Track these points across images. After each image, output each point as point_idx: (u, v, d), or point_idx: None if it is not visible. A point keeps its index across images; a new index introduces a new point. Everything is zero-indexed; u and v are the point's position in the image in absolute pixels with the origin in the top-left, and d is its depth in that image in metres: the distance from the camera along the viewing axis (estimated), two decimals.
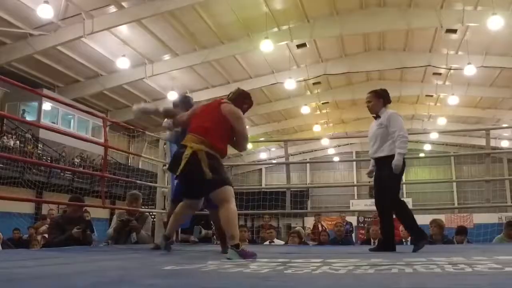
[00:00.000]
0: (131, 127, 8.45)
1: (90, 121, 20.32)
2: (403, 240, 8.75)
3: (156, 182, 7.41)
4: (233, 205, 4.11)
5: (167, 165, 5.42)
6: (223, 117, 4.26)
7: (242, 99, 4.52)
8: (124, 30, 15.54)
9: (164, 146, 6.98)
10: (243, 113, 4.46)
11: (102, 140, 5.92)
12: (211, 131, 4.19)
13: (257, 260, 3.60)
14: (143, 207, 10.84)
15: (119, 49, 16.30)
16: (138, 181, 8.25)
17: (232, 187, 4.25)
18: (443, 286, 2.19)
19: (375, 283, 2.34)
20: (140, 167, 22.90)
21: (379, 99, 5.28)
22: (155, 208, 7.22)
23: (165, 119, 5.09)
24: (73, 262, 3.52)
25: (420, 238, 4.91)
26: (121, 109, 21.78)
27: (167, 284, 2.30)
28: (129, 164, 23.31)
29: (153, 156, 9.10)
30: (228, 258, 3.73)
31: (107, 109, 21.65)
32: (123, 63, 16.55)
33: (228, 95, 4.56)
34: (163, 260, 3.58)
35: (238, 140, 4.41)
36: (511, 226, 8.00)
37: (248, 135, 4.63)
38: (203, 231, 6.86)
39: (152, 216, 7.24)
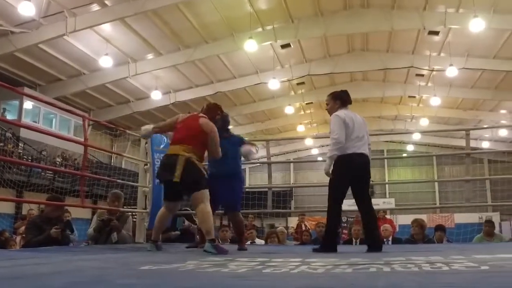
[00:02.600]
0: (113, 126, 8.37)
1: (72, 120, 20.11)
2: (384, 239, 8.83)
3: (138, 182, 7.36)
4: (208, 206, 4.70)
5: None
6: (202, 129, 4.85)
7: (215, 111, 5.22)
8: (107, 28, 15.41)
9: (146, 145, 6.93)
10: (215, 122, 5.08)
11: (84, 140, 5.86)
12: (195, 141, 4.81)
13: (236, 260, 3.59)
14: (125, 206, 10.78)
15: (102, 48, 16.15)
16: (118, 180, 8.19)
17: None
18: (419, 284, 2.20)
19: (352, 282, 2.35)
20: (123, 166, 22.74)
21: (336, 101, 5.24)
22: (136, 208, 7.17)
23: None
24: (50, 262, 3.47)
25: (326, 244, 4.85)
26: (104, 108, 21.61)
27: (143, 284, 2.28)
28: (112, 164, 23.13)
29: (136, 155, 9.05)
30: (205, 250, 4.44)
31: (90, 108, 21.45)
32: (106, 62, 16.39)
33: (202, 109, 5.27)
34: (142, 260, 3.55)
35: (213, 149, 4.93)
36: (489, 224, 8.15)
37: (220, 150, 5.03)
38: (186, 222, 7.32)
39: (134, 216, 7.19)
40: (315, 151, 32.98)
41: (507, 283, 2.19)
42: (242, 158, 5.65)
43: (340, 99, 5.23)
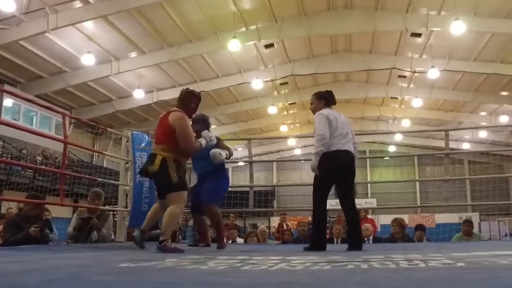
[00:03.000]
0: (94, 124, 8.31)
1: (53, 118, 19.87)
2: (365, 238, 8.90)
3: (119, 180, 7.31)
4: (179, 209, 4.62)
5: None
6: (171, 125, 4.67)
7: (188, 100, 4.96)
8: (89, 26, 15.26)
9: (127, 143, 6.89)
10: (194, 111, 5.02)
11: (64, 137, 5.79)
12: (169, 139, 4.65)
13: (216, 258, 3.59)
14: (107, 205, 10.70)
15: (84, 45, 15.98)
16: (99, 179, 8.13)
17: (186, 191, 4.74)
18: (394, 280, 2.23)
19: (328, 278, 2.36)
20: (105, 165, 22.57)
21: (320, 101, 5.27)
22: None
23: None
24: (26, 260, 3.43)
25: (315, 244, 4.84)
26: (86, 106, 21.40)
27: (119, 281, 2.27)
28: (94, 162, 22.93)
29: (118, 154, 8.97)
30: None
31: (72, 107, 21.21)
32: (88, 60, 16.23)
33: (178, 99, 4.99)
34: (120, 258, 3.52)
35: (183, 143, 4.66)
36: (468, 224, 8.29)
37: (191, 136, 4.81)
38: None
39: (115, 215, 7.15)
40: (298, 151, 33.09)
41: (481, 279, 2.23)
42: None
43: (325, 99, 5.28)
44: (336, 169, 4.94)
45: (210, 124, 5.72)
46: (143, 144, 6.77)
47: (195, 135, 5.15)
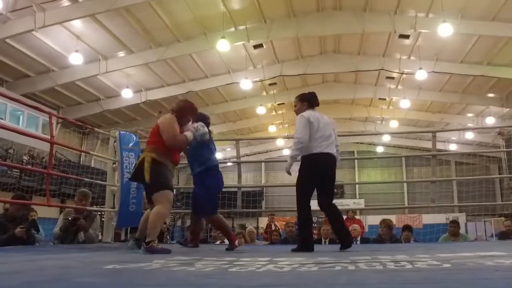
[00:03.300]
0: (81, 124, 8.25)
1: (40, 118, 19.69)
2: (353, 239, 8.93)
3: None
4: (165, 208, 4.60)
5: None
6: (158, 125, 4.79)
7: (182, 113, 4.97)
8: (77, 24, 15.13)
9: (114, 144, 6.84)
10: (185, 123, 4.99)
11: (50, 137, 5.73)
12: (156, 140, 4.74)
13: (204, 259, 3.58)
14: (95, 206, 10.62)
15: (72, 44, 15.85)
16: (86, 179, 8.07)
17: (172, 191, 4.78)
18: (379, 281, 2.24)
19: (315, 280, 2.36)
20: (92, 165, 22.41)
21: (303, 103, 5.28)
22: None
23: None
24: (11, 262, 3.39)
25: (302, 245, 4.81)
26: (74, 106, 21.23)
27: (103, 282, 2.26)
28: (81, 162, 22.77)
29: (105, 154, 8.91)
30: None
31: (59, 106, 21.03)
32: (76, 59, 16.08)
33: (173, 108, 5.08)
34: (107, 260, 3.50)
35: (166, 139, 4.70)
36: (454, 225, 8.36)
37: (174, 131, 4.77)
38: None
39: (102, 216, 7.10)
40: (286, 152, 33.04)
41: (466, 280, 2.25)
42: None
43: (307, 101, 5.28)
44: (317, 172, 4.98)
45: (209, 124, 5.61)
46: (130, 144, 6.73)
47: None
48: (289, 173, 5.15)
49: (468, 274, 2.47)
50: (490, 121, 22.76)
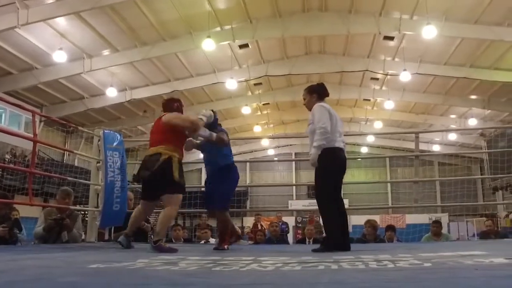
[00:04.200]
0: (64, 122, 8.17)
1: (23, 116, 19.49)
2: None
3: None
4: (175, 211, 4.87)
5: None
6: (166, 125, 4.94)
7: (170, 104, 5.25)
8: (61, 22, 14.98)
9: (99, 142, 6.80)
10: (178, 109, 5.20)
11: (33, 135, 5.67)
12: (167, 137, 4.89)
13: (188, 258, 3.58)
14: (78, 205, 10.52)
15: (56, 42, 15.67)
16: (69, 178, 8.02)
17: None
18: (361, 280, 2.27)
19: (297, 279, 2.39)
20: (76, 164, 22.20)
21: (312, 95, 5.07)
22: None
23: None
24: None
25: (327, 244, 4.59)
26: (58, 104, 21.00)
27: (85, 282, 2.25)
28: (65, 161, 22.54)
29: (89, 153, 8.85)
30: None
31: (43, 104, 20.79)
32: (59, 57, 15.90)
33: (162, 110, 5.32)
34: (91, 259, 3.49)
35: (181, 124, 4.91)
36: (437, 225, 8.47)
37: (187, 116, 5.07)
38: (143, 222, 7.09)
39: (85, 215, 7.05)
40: (271, 152, 33.16)
41: (445, 279, 2.28)
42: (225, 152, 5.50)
43: (317, 92, 5.09)
44: (340, 166, 4.79)
45: (217, 119, 5.64)
46: (115, 143, 6.69)
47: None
48: (316, 165, 4.73)
49: (448, 273, 2.51)
50: (473, 122, 23.03)
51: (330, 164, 4.71)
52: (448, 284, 2.11)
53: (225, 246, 5.26)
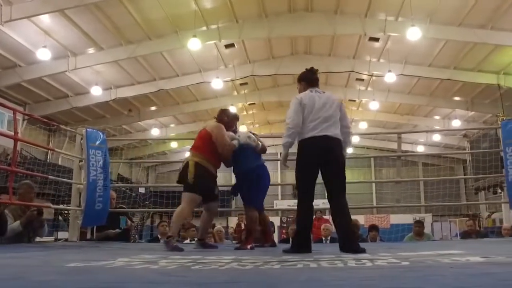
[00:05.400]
0: (47, 121, 8.09)
1: (6, 114, 19.23)
2: (324, 238, 9.05)
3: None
4: (187, 209, 5.05)
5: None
6: (209, 132, 5.29)
7: (222, 116, 5.61)
8: (46, 19, 14.82)
9: (81, 141, 6.75)
10: (227, 124, 5.51)
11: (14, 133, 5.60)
12: (205, 148, 5.22)
13: (169, 257, 3.58)
14: (61, 204, 10.43)
15: (40, 40, 15.50)
16: (51, 177, 7.95)
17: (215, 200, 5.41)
18: (339, 278, 2.29)
19: (275, 277, 2.40)
20: (60, 163, 22.00)
21: (300, 83, 4.83)
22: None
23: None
24: None
25: (296, 246, 4.35)
26: (42, 102, 20.77)
27: (63, 281, 2.24)
28: (48, 160, 22.32)
29: (73, 151, 8.78)
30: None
31: (26, 102, 20.55)
32: (43, 55, 15.73)
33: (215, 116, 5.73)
34: (70, 258, 3.47)
35: (217, 144, 5.20)
36: (419, 224, 8.57)
37: (229, 144, 5.27)
38: (128, 222, 7.49)
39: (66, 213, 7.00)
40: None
41: (420, 276, 2.32)
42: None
43: (305, 80, 4.81)
44: (312, 159, 4.37)
45: (237, 119, 5.94)
46: (97, 142, 6.65)
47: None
48: (285, 165, 4.72)
49: (423, 271, 2.55)
50: (456, 123, 23.27)
51: (298, 160, 4.45)
52: (420, 281, 2.13)
53: (248, 246, 5.17)
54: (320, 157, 4.37)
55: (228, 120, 5.61)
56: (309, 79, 4.82)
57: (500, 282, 2.07)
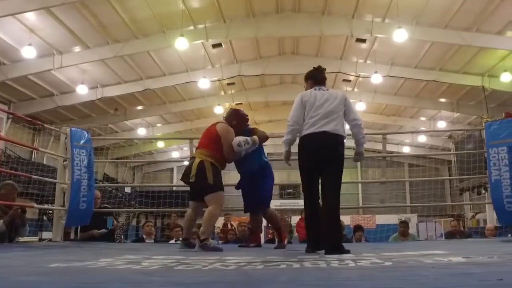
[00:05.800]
0: (31, 120, 8.00)
1: None
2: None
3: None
4: (218, 209, 5.06)
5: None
6: (218, 133, 5.29)
7: (231, 117, 5.61)
8: (31, 17, 14.65)
9: (65, 140, 6.70)
10: (235, 127, 5.47)
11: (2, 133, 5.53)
12: (212, 146, 5.23)
13: (152, 258, 3.56)
14: (47, 204, 10.34)
15: (25, 37, 15.32)
16: (34, 176, 7.87)
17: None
18: (320, 278, 2.30)
19: (256, 277, 2.40)
20: (45, 162, 21.79)
21: (307, 82, 4.87)
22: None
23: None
24: None
25: (307, 245, 4.43)
26: (26, 101, 20.54)
27: (44, 281, 2.22)
28: (33, 159, 22.10)
29: (57, 151, 8.71)
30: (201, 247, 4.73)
31: (10, 101, 20.31)
32: (29, 52, 15.55)
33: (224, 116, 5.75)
34: (52, 258, 3.44)
35: (224, 148, 5.24)
36: (404, 225, 8.63)
37: (233, 154, 5.37)
38: (115, 222, 7.58)
39: (50, 213, 6.94)
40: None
41: (401, 276, 2.33)
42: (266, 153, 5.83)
43: (311, 78, 4.86)
44: (308, 156, 4.37)
45: (246, 121, 5.81)
46: (82, 141, 6.60)
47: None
48: (288, 164, 4.75)
49: (404, 271, 2.57)
50: (441, 125, 23.47)
51: (298, 157, 4.49)
52: (401, 282, 2.15)
53: (285, 242, 5.47)
54: (318, 153, 4.36)
55: (236, 124, 5.55)
56: (315, 77, 4.86)
57: (480, 282, 2.10)
